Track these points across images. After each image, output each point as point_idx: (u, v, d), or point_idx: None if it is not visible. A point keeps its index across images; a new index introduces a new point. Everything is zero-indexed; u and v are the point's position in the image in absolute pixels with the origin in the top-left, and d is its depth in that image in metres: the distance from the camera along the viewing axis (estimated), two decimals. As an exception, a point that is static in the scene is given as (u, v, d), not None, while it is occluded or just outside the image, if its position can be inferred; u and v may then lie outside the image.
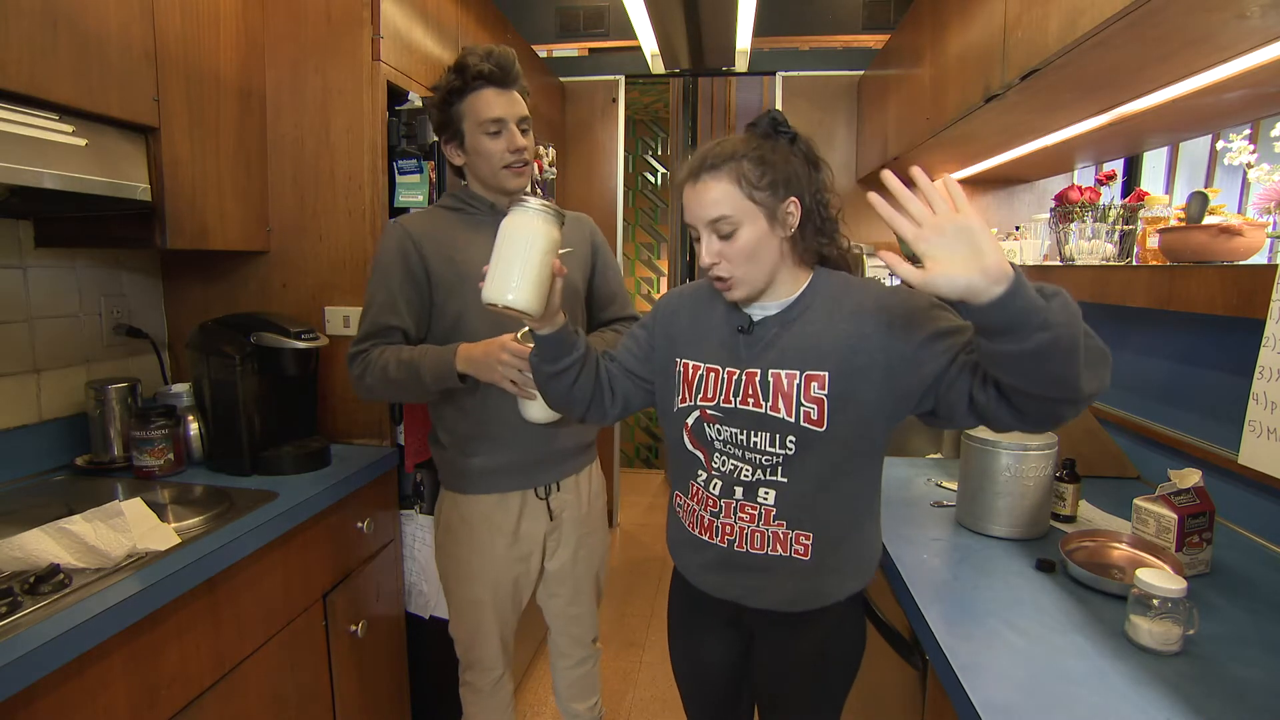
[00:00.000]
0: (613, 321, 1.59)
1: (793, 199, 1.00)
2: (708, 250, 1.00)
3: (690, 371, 1.09)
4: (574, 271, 1.46)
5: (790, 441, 1.00)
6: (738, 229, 0.98)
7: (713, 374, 1.06)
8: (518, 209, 1.03)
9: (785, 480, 1.02)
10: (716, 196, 0.98)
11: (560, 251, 1.08)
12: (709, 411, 1.06)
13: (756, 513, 1.04)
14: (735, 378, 1.04)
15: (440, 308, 1.41)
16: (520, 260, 1.00)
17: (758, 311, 1.06)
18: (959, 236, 0.76)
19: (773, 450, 1.01)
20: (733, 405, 1.04)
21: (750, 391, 1.02)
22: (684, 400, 1.09)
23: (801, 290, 1.05)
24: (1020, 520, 1.30)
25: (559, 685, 1.70)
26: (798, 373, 1.00)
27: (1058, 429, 1.01)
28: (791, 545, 1.04)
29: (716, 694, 1.23)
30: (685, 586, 1.18)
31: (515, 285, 1.00)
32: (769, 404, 1.01)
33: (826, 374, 0.99)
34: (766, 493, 1.03)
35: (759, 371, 1.02)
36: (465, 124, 1.36)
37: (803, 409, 0.99)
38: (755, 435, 1.02)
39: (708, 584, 1.12)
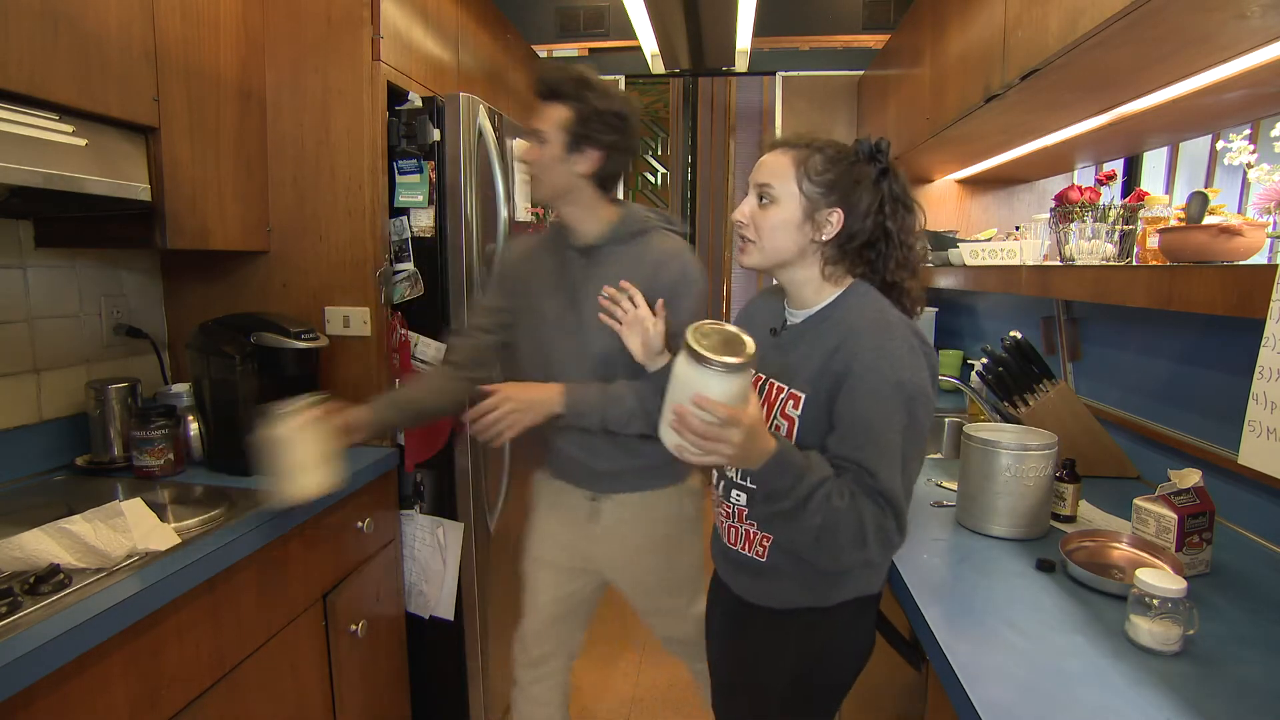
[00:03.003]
0: None
1: (837, 209, 1.02)
2: (745, 207, 1.07)
3: None
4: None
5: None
6: (775, 203, 1.04)
7: None
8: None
9: (755, 486, 1.05)
10: (775, 168, 1.04)
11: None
12: None
13: (732, 510, 1.12)
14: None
15: (516, 328, 1.48)
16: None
17: (792, 316, 1.11)
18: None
19: None
20: None
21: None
22: None
23: (824, 304, 1.07)
24: (1020, 520, 1.29)
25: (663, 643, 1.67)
26: (786, 387, 1.04)
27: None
28: (754, 545, 1.10)
29: (715, 673, 1.30)
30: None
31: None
32: None
33: (804, 396, 1.01)
34: (739, 495, 1.10)
35: (763, 378, 1.08)
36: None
37: (775, 423, 1.03)
38: None
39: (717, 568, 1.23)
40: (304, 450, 1.24)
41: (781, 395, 1.03)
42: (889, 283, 1.07)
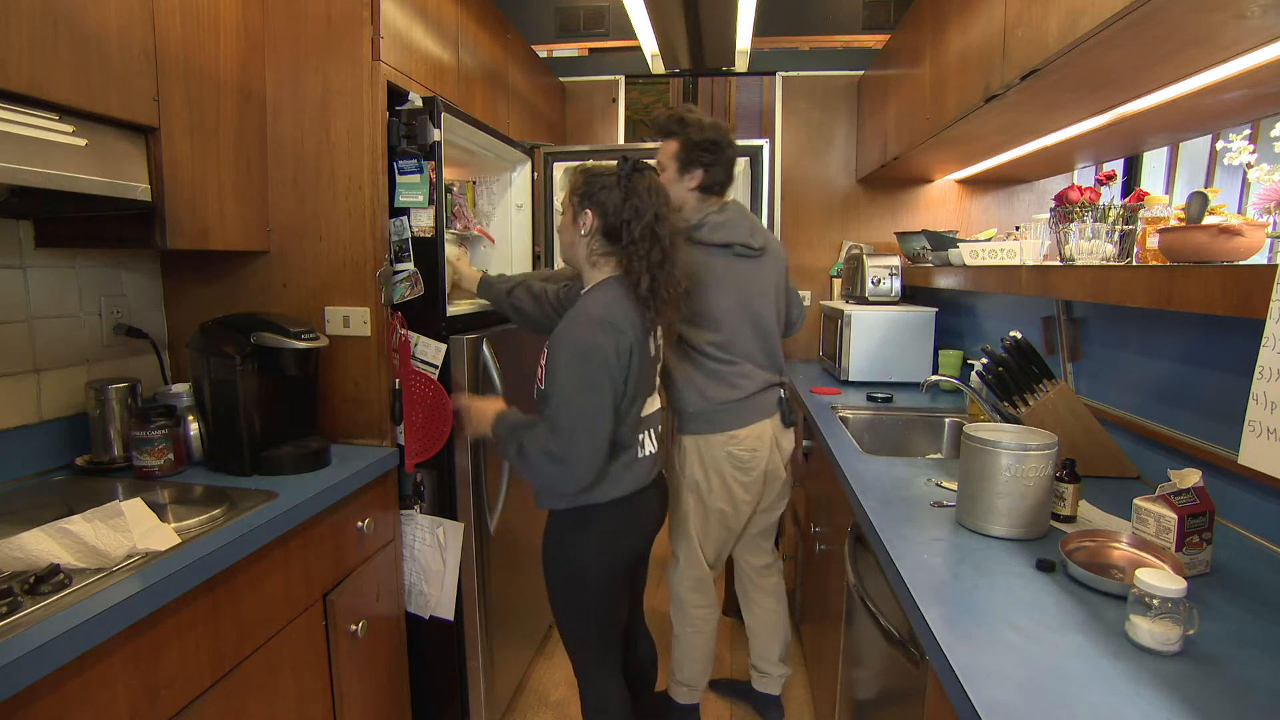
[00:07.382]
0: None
1: (587, 210, 1.45)
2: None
3: None
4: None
5: (536, 389, 1.48)
6: (560, 215, 1.53)
7: None
8: None
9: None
10: (564, 197, 1.51)
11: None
12: None
13: None
14: None
15: None
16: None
17: None
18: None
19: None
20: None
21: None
22: None
23: (585, 290, 1.50)
24: (1020, 520, 1.29)
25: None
26: (548, 348, 1.43)
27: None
28: None
29: None
30: None
31: None
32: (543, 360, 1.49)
33: (547, 351, 1.43)
34: None
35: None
36: None
37: (539, 370, 1.46)
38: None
39: None
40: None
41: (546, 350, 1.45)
42: (639, 272, 1.42)
